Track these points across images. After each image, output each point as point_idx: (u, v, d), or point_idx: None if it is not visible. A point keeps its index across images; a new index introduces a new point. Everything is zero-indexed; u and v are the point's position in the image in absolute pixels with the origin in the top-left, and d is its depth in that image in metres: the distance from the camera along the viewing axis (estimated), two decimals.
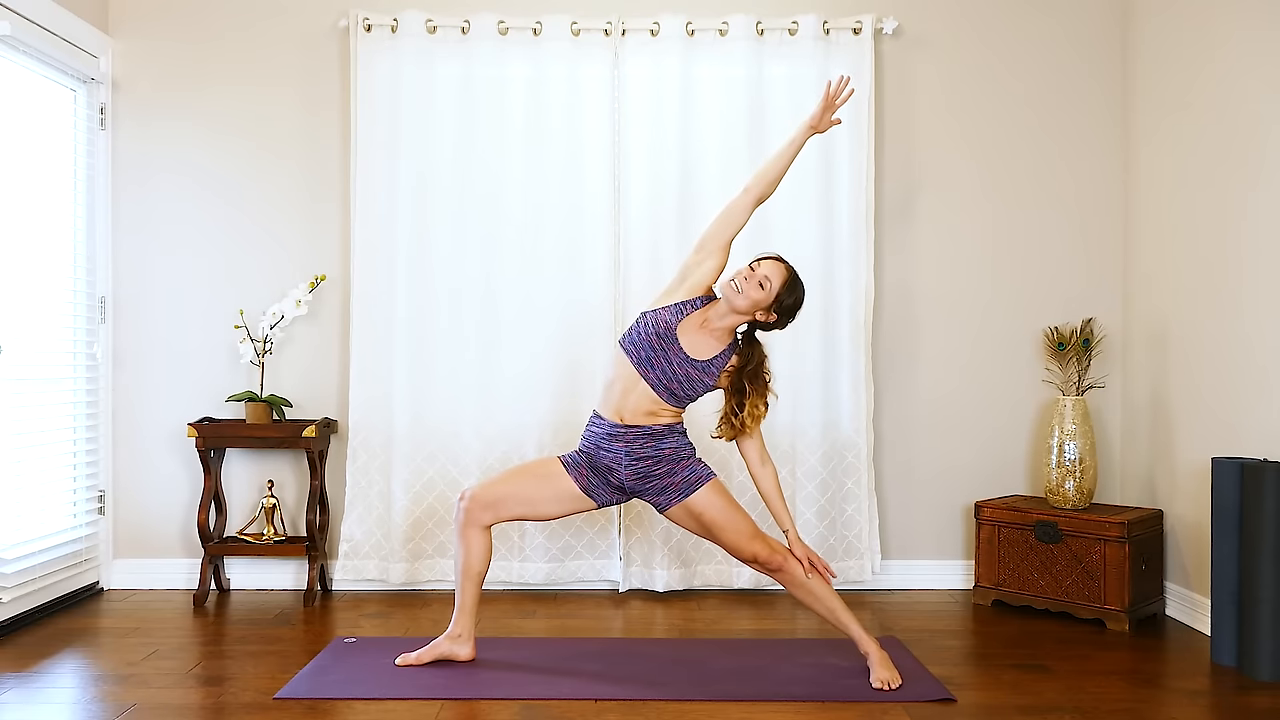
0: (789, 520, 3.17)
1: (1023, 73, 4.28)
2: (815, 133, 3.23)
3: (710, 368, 3.09)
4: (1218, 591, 3.31)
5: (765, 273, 3.04)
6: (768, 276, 3.03)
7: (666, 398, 3.09)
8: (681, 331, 3.08)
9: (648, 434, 3.10)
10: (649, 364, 3.07)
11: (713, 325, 3.10)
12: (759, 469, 3.17)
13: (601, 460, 3.14)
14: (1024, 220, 4.29)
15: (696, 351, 3.08)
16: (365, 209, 4.12)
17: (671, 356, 3.06)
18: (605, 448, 3.13)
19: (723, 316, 3.08)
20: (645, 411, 3.09)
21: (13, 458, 3.65)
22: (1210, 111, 3.69)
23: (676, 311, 3.10)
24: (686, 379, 3.07)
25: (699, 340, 3.09)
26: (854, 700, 2.92)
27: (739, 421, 3.11)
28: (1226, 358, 3.59)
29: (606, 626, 3.74)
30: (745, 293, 3.01)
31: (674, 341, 3.06)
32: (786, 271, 3.08)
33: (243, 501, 4.25)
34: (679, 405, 3.13)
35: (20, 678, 3.12)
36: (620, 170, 4.16)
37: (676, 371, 3.06)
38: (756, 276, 3.03)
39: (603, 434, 3.14)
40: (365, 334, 4.13)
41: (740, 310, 3.05)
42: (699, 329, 3.10)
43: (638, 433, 3.09)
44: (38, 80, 3.84)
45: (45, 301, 3.89)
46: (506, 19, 4.12)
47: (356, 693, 2.96)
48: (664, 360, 3.06)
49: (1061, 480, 3.92)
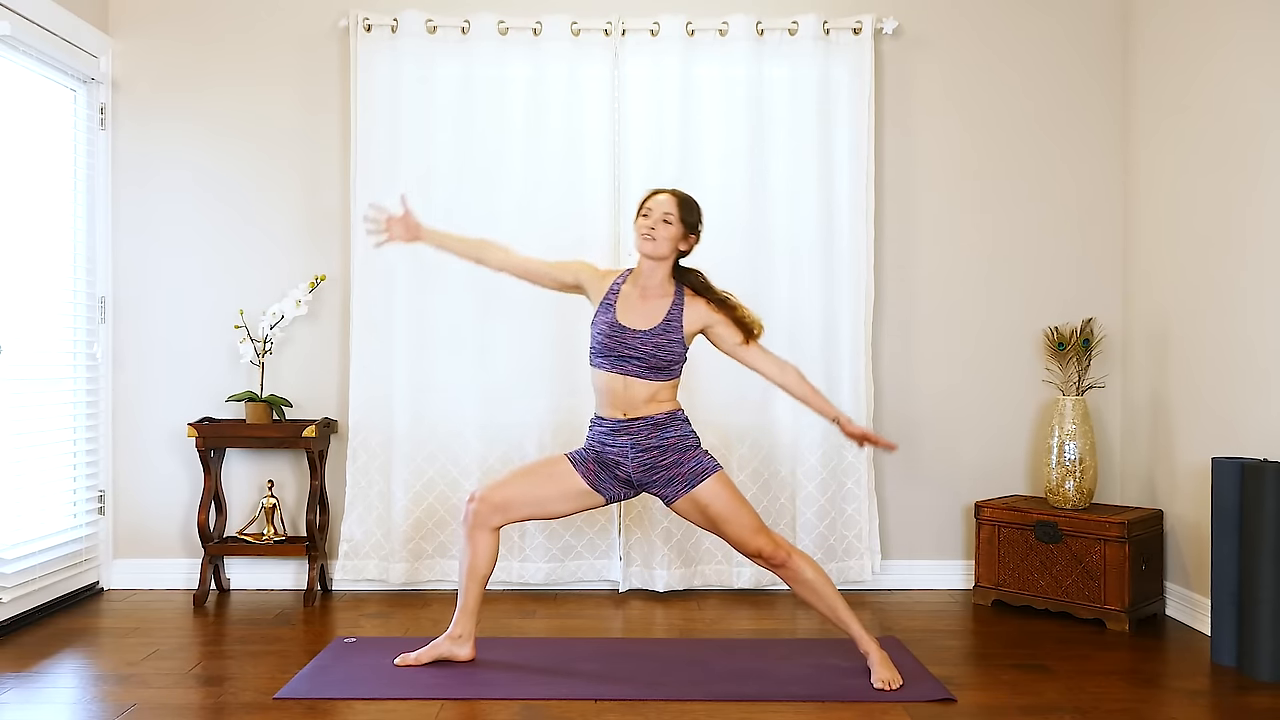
0: (832, 408, 3.16)
1: (1023, 73, 4.28)
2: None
3: (670, 326, 3.10)
4: (1218, 591, 3.31)
5: (662, 210, 3.09)
6: (662, 213, 3.08)
7: (656, 376, 3.10)
8: (623, 316, 3.10)
9: (652, 424, 3.10)
10: (622, 362, 3.09)
11: (650, 287, 3.13)
12: (781, 376, 3.16)
13: (608, 455, 3.15)
14: (1024, 220, 4.29)
15: (650, 321, 3.10)
16: (365, 209, 4.11)
17: (633, 343, 3.08)
18: (610, 443, 3.14)
19: (653, 272, 3.12)
20: (645, 399, 3.10)
21: (13, 458, 3.65)
22: (1210, 112, 3.69)
23: (605, 308, 3.13)
24: (658, 348, 3.08)
25: (646, 310, 3.11)
26: (854, 700, 2.92)
27: (743, 320, 3.12)
28: (1226, 358, 3.59)
29: (606, 626, 3.74)
30: (658, 236, 3.07)
31: (623, 331, 3.08)
32: (672, 195, 3.14)
33: (243, 501, 4.25)
34: (672, 376, 3.13)
35: (20, 678, 3.12)
36: (620, 170, 4.16)
37: (646, 350, 3.07)
38: (656, 216, 3.08)
39: (606, 431, 3.15)
40: (365, 334, 4.13)
41: (663, 255, 3.09)
42: (640, 300, 3.13)
43: (642, 424, 3.10)
44: (38, 80, 3.84)
45: (45, 301, 3.89)
46: (506, 19, 4.12)
47: (356, 693, 2.96)
48: (630, 350, 3.08)
49: (1061, 480, 3.92)
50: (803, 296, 4.15)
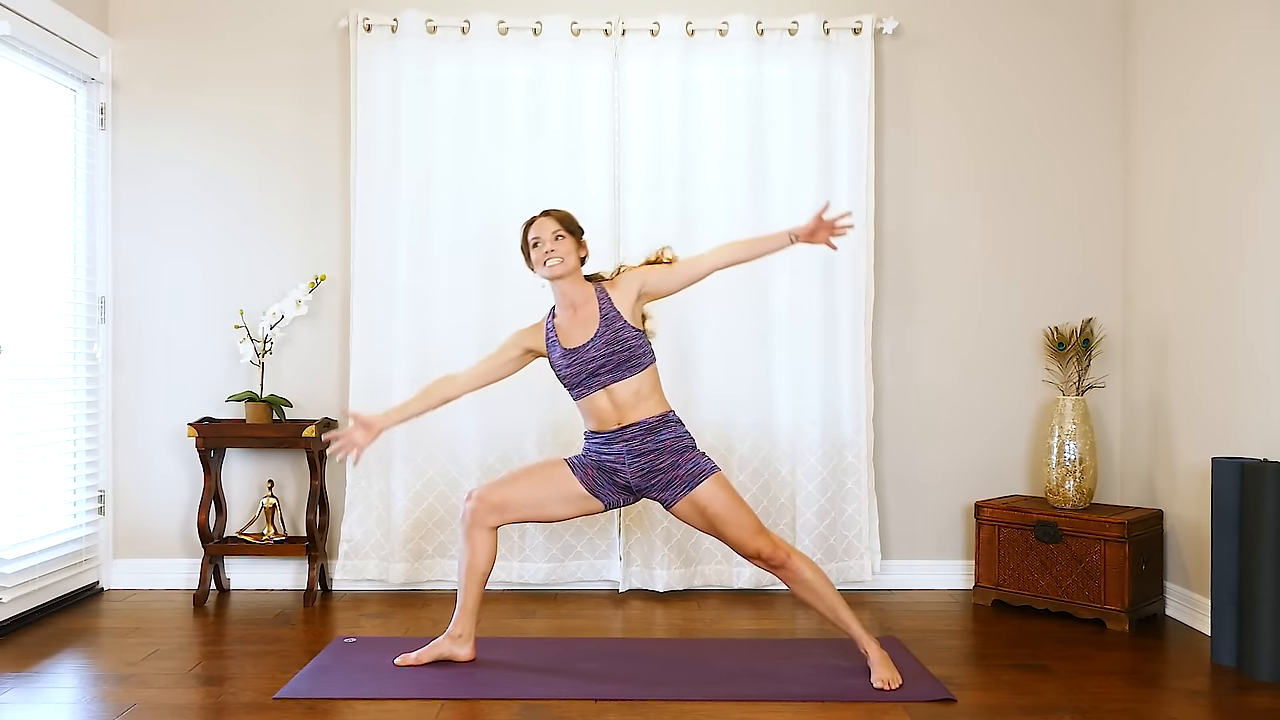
0: (782, 233, 3.16)
1: (1023, 73, 4.28)
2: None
3: (609, 318, 3.10)
4: (1218, 591, 3.31)
5: (549, 231, 3.12)
6: (552, 233, 3.12)
7: (629, 370, 3.09)
8: (568, 341, 3.12)
9: (645, 429, 3.10)
10: (593, 379, 3.10)
11: (575, 304, 3.14)
12: (724, 255, 3.16)
13: (605, 462, 3.15)
14: (1024, 220, 4.29)
15: (590, 327, 3.11)
16: (365, 209, 4.12)
17: (590, 355, 3.09)
18: (606, 452, 3.15)
19: (571, 290, 3.14)
20: (632, 403, 3.11)
21: (13, 458, 3.65)
22: (1210, 112, 3.69)
23: (552, 347, 3.15)
24: (611, 344, 3.08)
25: (582, 321, 3.13)
26: (854, 700, 2.92)
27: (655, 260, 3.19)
28: (1226, 358, 3.59)
29: (606, 626, 3.74)
30: (560, 253, 3.09)
31: (576, 351, 3.10)
32: (547, 215, 3.18)
33: (243, 501, 4.25)
34: (645, 366, 3.11)
35: (20, 678, 3.12)
36: (620, 170, 4.16)
37: (604, 353, 3.08)
38: (548, 238, 3.11)
39: (601, 441, 3.16)
40: (365, 334, 4.13)
41: (572, 268, 3.12)
42: (573, 319, 3.14)
43: (635, 430, 3.10)
44: (38, 80, 3.84)
45: (45, 301, 3.89)
46: (506, 19, 4.12)
47: (356, 693, 2.96)
48: (592, 364, 3.09)
49: (1061, 480, 3.92)
50: (803, 296, 4.15)
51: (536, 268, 3.15)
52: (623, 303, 3.13)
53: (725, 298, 4.12)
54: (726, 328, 4.15)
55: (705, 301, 4.12)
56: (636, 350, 3.11)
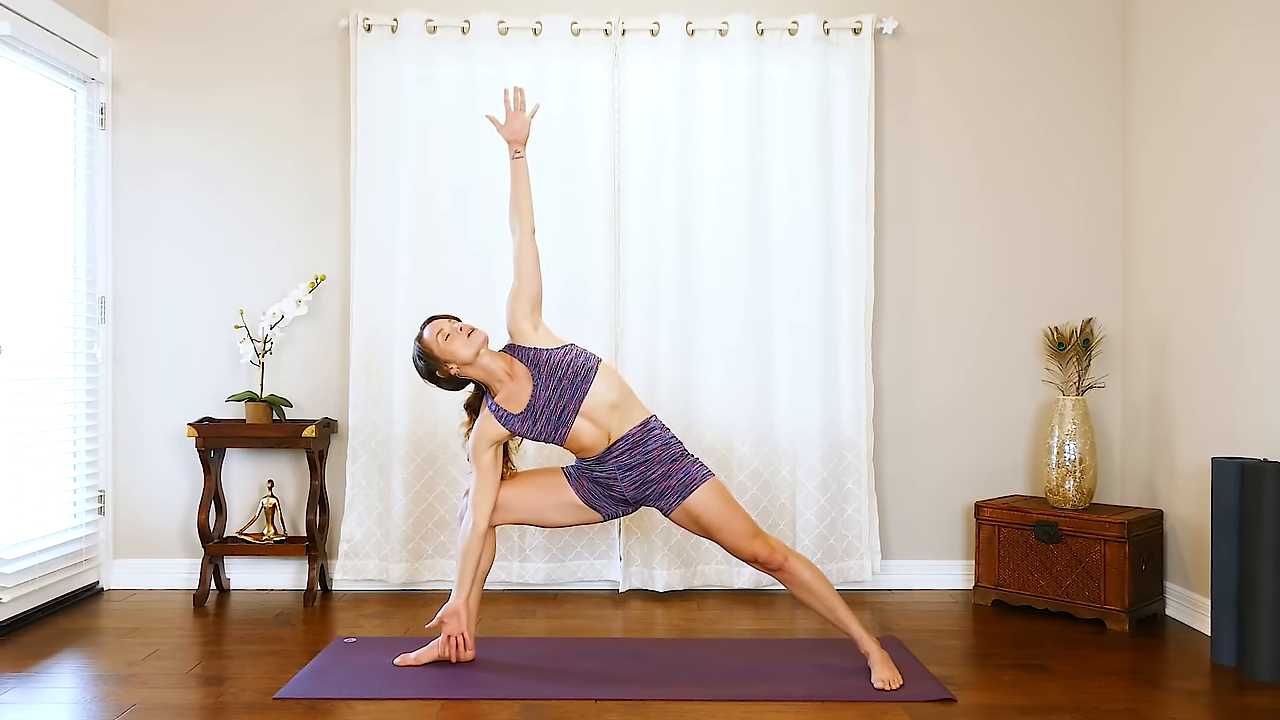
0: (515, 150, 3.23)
1: (1022, 72, 4.28)
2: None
3: (537, 362, 3.10)
4: (1218, 591, 3.31)
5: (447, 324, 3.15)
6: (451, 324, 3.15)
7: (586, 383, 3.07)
8: (518, 406, 3.12)
9: (630, 444, 3.12)
10: (566, 412, 3.09)
11: (502, 373, 3.12)
12: (514, 229, 3.21)
13: (599, 478, 3.18)
14: (1024, 220, 4.29)
15: (527, 380, 3.12)
16: (365, 209, 4.12)
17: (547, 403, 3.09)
18: (598, 470, 3.17)
19: (492, 364, 3.12)
20: (610, 420, 3.10)
21: (13, 458, 3.65)
22: (1210, 111, 3.69)
23: (507, 422, 3.13)
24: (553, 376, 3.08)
25: (517, 380, 3.13)
26: (854, 700, 2.92)
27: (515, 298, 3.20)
28: (1226, 358, 3.59)
29: (606, 626, 3.74)
30: (473, 328, 3.14)
31: (532, 410, 3.10)
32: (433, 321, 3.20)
33: (243, 501, 4.25)
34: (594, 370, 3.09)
35: (20, 678, 3.12)
36: (620, 170, 4.16)
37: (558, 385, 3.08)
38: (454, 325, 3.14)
39: (591, 463, 3.18)
40: (365, 334, 4.13)
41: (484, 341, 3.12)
42: (509, 386, 3.13)
43: (620, 446, 3.12)
44: (38, 80, 3.84)
45: (45, 301, 3.89)
46: (506, 19, 4.12)
47: (356, 693, 2.96)
48: (555, 409, 3.09)
49: (1061, 480, 3.92)
50: (803, 296, 4.15)
51: (460, 353, 3.08)
52: (527, 338, 3.15)
53: (726, 298, 4.13)
54: (727, 327, 4.15)
55: (706, 301, 4.13)
56: (574, 362, 3.10)
